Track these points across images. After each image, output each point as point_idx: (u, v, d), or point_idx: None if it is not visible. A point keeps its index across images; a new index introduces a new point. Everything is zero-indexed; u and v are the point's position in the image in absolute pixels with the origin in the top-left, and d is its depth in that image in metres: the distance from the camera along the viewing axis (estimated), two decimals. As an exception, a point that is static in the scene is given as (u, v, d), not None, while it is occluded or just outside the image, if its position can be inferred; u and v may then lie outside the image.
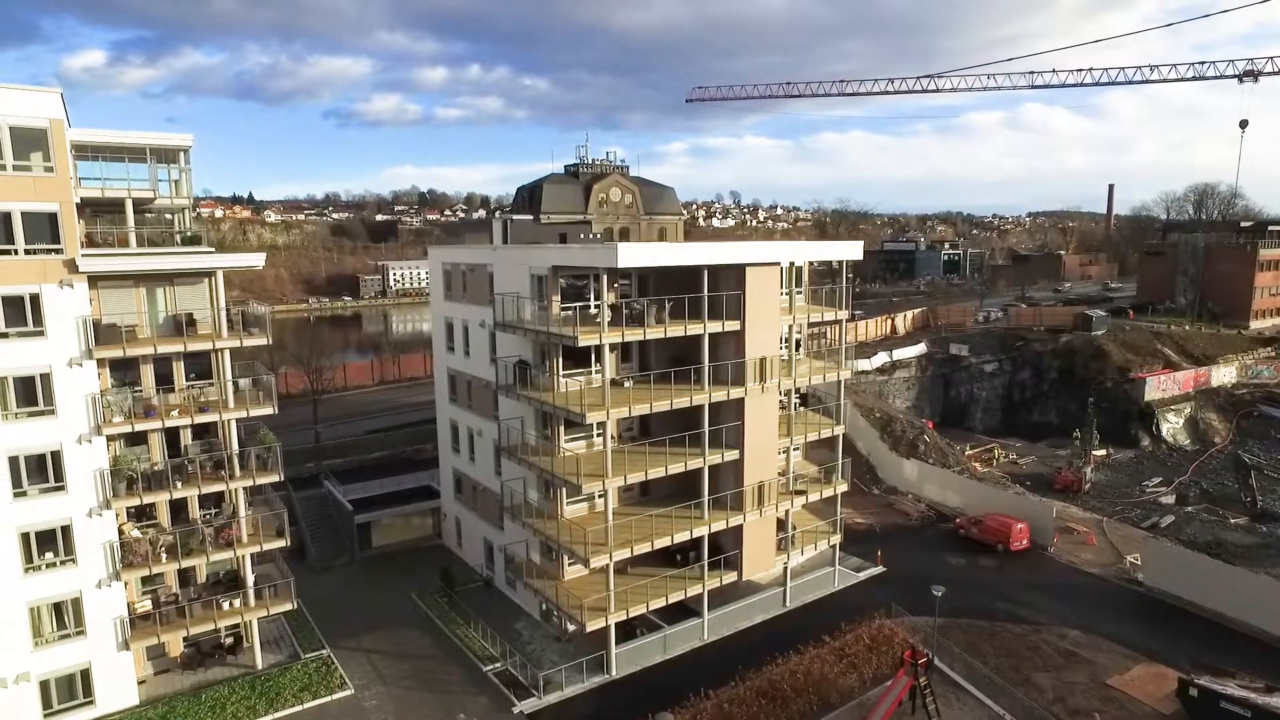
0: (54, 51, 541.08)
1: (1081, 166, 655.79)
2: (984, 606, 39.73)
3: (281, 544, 34.80)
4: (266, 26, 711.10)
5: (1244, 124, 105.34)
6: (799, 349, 42.03)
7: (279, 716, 31.99)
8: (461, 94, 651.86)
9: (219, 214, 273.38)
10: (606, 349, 33.16)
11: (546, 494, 36.50)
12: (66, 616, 31.01)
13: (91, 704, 31.64)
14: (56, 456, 29.92)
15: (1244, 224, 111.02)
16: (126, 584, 32.23)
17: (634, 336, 33.72)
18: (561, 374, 34.77)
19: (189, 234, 37.99)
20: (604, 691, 33.83)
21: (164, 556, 32.31)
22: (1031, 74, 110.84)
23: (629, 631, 36.15)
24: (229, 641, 36.16)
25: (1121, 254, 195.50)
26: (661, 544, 34.67)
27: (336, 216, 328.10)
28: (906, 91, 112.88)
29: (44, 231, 28.96)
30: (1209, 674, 30.62)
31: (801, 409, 43.04)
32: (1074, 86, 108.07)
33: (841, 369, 40.95)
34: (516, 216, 48.97)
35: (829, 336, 46.66)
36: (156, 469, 32.48)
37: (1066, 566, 45.07)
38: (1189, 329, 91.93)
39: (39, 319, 29.12)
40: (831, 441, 41.85)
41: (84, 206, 34.03)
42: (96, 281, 30.79)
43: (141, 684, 33.09)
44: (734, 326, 35.39)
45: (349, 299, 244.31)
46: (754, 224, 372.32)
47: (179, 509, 34.59)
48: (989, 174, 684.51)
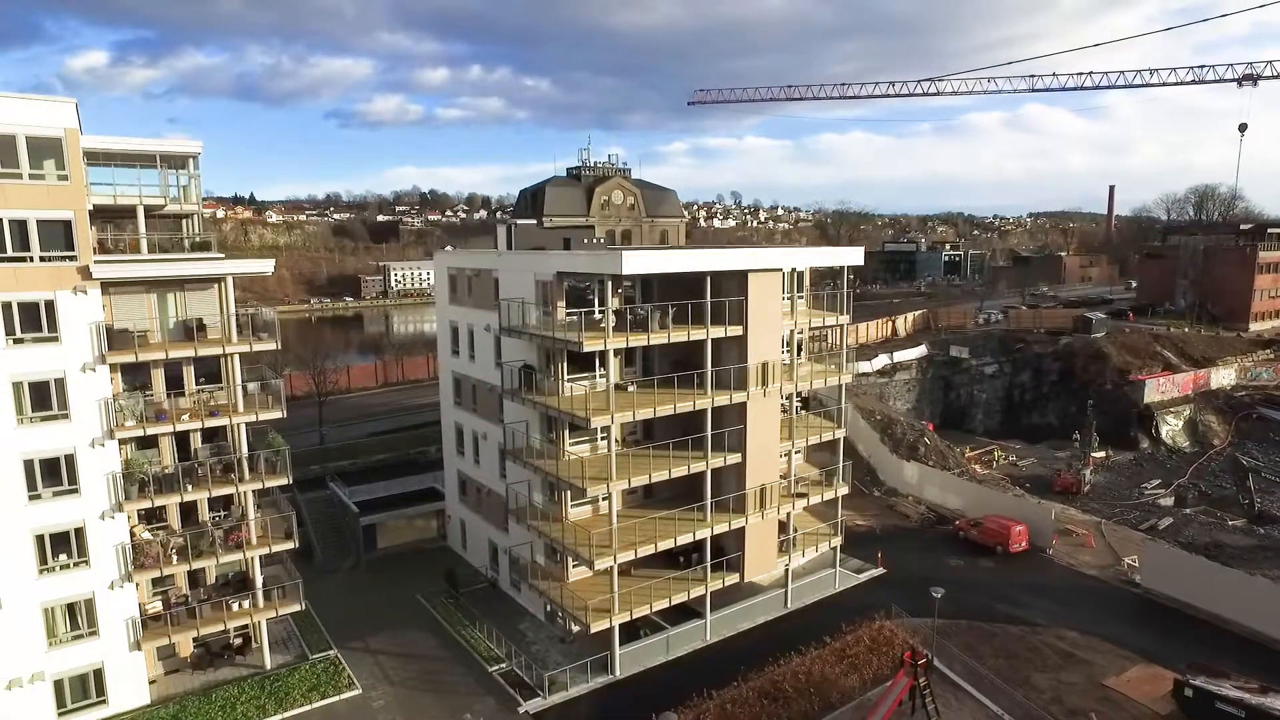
0: (57, 52, 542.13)
1: (1083, 167, 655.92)
2: (983, 608, 40.13)
3: (290, 546, 35.26)
4: (268, 27, 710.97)
5: (1243, 128, 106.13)
6: (800, 353, 42.46)
7: (288, 716, 32.45)
8: (463, 94, 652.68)
9: (220, 214, 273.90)
10: (611, 354, 33.64)
11: (551, 497, 36.92)
12: (80, 617, 31.47)
13: (104, 703, 32.11)
14: (70, 460, 30.39)
15: (1243, 226, 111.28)
16: (138, 585, 32.71)
17: (638, 342, 34.14)
18: (566, 378, 35.19)
19: (198, 240, 38.42)
20: (608, 692, 34.25)
21: (174, 558, 32.79)
22: (1031, 77, 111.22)
23: (632, 632, 36.54)
24: (238, 642, 36.59)
25: (1122, 255, 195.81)
26: (665, 546, 35.09)
27: (338, 217, 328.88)
28: (907, 95, 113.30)
29: (59, 239, 29.42)
30: (1204, 675, 31.01)
31: (803, 412, 43.46)
32: (1073, 90, 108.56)
33: (842, 373, 41.39)
34: (520, 221, 49.29)
35: (830, 339, 47.08)
36: (167, 472, 32.97)
37: (1065, 568, 45.48)
38: (1188, 331, 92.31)
39: (54, 325, 29.57)
40: (832, 444, 42.28)
41: (95, 213, 34.46)
42: (109, 287, 31.21)
43: (152, 683, 33.55)
44: (736, 331, 35.82)
45: (350, 300, 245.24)
46: (755, 225, 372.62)
47: (188, 511, 35.00)
48: (990, 174, 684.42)
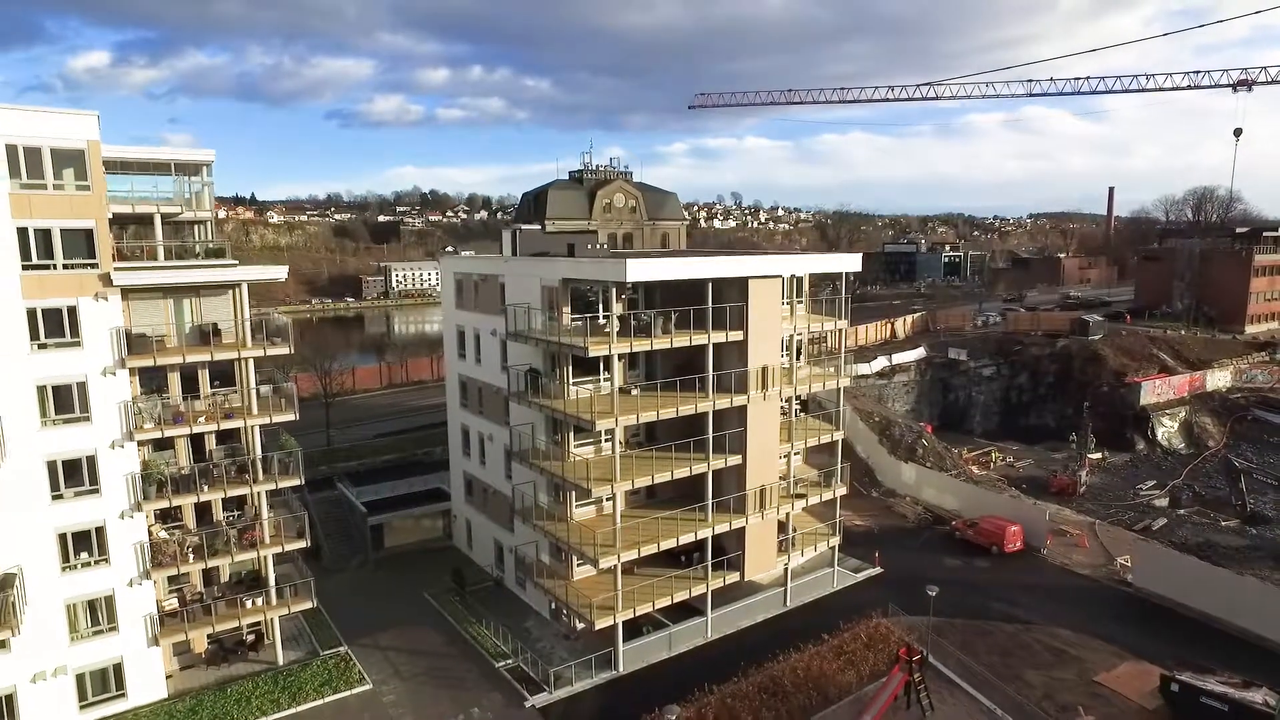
0: (58, 52, 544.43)
1: (1082, 168, 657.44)
2: (978, 606, 41.00)
3: (302, 545, 36.16)
4: (269, 27, 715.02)
5: (1238, 132, 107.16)
6: (800, 357, 43.35)
7: (302, 710, 33.38)
8: (463, 95, 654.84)
9: (222, 214, 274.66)
10: (615, 358, 34.57)
11: (556, 497, 37.81)
12: (100, 613, 32.40)
13: (124, 696, 33.07)
14: (91, 461, 31.33)
15: (1239, 230, 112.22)
16: (155, 583, 33.64)
17: (641, 347, 34.93)
18: (571, 382, 36.05)
19: (211, 246, 39.30)
20: (612, 687, 35.14)
21: (191, 557, 33.77)
22: (1029, 82, 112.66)
23: (635, 630, 37.37)
24: (250, 638, 37.50)
25: (1121, 257, 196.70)
26: (667, 545, 35.95)
27: (339, 217, 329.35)
28: (906, 99, 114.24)
29: (81, 247, 30.33)
30: (1190, 670, 31.92)
31: (802, 414, 44.37)
32: (1071, 95, 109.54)
33: (841, 376, 42.24)
34: (524, 226, 50.17)
35: (829, 341, 47.92)
36: (184, 473, 33.91)
37: (1058, 568, 46.35)
38: (1185, 334, 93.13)
39: (76, 330, 30.49)
40: (831, 446, 43.17)
41: (113, 221, 35.35)
42: (128, 293, 32.14)
43: (169, 678, 34.49)
44: (737, 336, 36.72)
45: (351, 300, 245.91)
46: (755, 226, 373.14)
47: (203, 511, 35.97)
48: (990, 175, 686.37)
